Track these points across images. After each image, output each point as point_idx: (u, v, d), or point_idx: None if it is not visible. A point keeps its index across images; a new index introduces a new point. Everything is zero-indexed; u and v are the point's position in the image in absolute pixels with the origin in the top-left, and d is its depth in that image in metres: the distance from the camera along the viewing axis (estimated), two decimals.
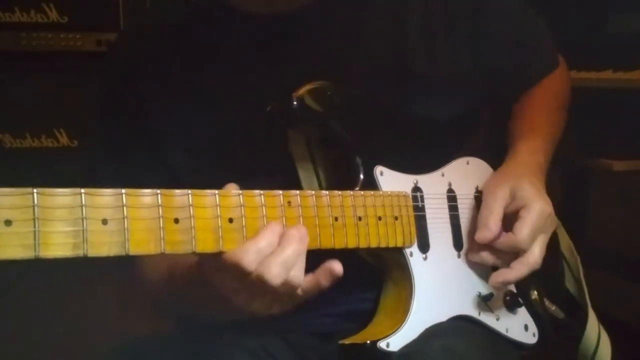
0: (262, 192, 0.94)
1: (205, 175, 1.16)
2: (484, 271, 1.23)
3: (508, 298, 1.25)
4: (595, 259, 2.39)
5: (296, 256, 0.94)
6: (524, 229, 1.17)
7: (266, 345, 1.19)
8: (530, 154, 1.30)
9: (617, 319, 2.03)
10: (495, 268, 1.22)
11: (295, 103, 1.09)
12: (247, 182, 0.95)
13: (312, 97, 1.11)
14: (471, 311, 1.20)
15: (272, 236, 0.93)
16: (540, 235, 1.19)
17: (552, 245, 1.28)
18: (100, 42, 2.79)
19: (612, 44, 2.40)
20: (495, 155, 1.33)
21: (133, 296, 1.30)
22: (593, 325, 1.36)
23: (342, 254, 1.05)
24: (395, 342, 1.08)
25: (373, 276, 1.17)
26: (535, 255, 1.18)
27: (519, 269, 1.18)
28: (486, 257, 1.21)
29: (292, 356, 1.22)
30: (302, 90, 1.10)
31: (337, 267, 0.98)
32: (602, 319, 1.39)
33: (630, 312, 2.50)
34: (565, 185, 2.65)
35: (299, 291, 0.98)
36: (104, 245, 0.77)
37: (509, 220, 1.20)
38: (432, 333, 1.12)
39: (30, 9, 2.79)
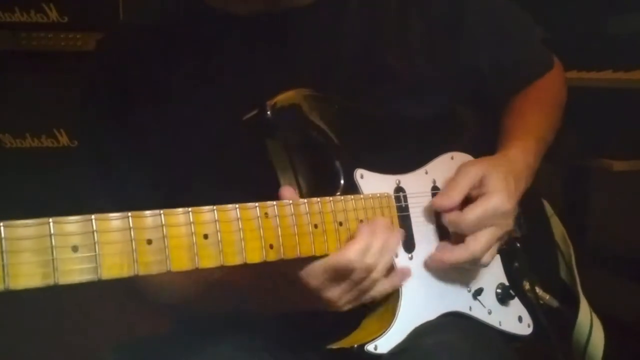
0: (237, 205, 0.93)
1: (185, 181, 1.17)
2: (473, 266, 1.23)
3: (499, 291, 1.25)
4: (595, 259, 2.40)
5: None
6: (471, 213, 1.16)
7: (265, 344, 1.19)
8: (521, 153, 1.29)
9: (616, 319, 2.03)
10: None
11: (269, 112, 1.08)
12: (226, 191, 0.95)
13: (288, 104, 1.10)
14: (461, 307, 1.20)
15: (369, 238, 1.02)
16: (489, 227, 1.18)
17: (546, 235, 1.27)
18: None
19: (612, 44, 2.39)
20: (483, 151, 1.32)
21: (133, 296, 1.29)
22: (585, 312, 1.37)
23: None
24: (383, 344, 1.08)
25: None
26: (479, 243, 1.17)
27: (458, 253, 1.17)
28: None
29: (291, 355, 1.22)
30: (277, 99, 1.09)
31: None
32: (602, 318, 1.40)
33: (630, 312, 2.50)
34: (565, 186, 2.65)
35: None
36: (75, 273, 0.77)
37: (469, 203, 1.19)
38: (423, 331, 1.13)
39: (30, 9, 2.80)
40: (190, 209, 0.88)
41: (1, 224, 0.73)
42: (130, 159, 1.21)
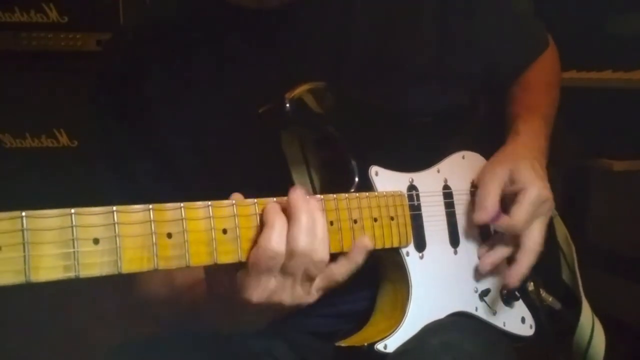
0: (255, 200, 0.93)
1: (198, 177, 1.17)
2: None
3: (505, 292, 1.25)
4: (595, 259, 2.40)
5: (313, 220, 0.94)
6: (520, 213, 1.18)
7: (269, 347, 1.19)
8: (532, 137, 1.31)
9: (616, 319, 2.03)
10: None
11: (288, 105, 1.07)
12: (240, 185, 0.95)
13: (305, 98, 1.09)
14: (468, 307, 1.21)
15: (278, 216, 0.92)
16: (537, 218, 1.21)
17: (548, 236, 1.28)
18: (100, 42, 2.79)
19: (612, 44, 2.40)
20: (493, 147, 1.32)
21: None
22: (587, 315, 1.37)
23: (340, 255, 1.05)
24: (392, 343, 1.08)
25: (371, 275, 1.17)
26: (535, 239, 1.20)
27: (526, 258, 1.20)
28: (483, 251, 1.24)
29: (294, 358, 1.22)
30: (295, 92, 1.08)
31: (367, 242, 1.01)
32: (602, 319, 1.40)
33: (630, 312, 2.50)
34: (565, 185, 2.65)
35: (338, 277, 0.99)
36: (95, 266, 0.77)
37: (507, 202, 1.21)
38: (430, 330, 1.13)
39: (30, 9, 2.79)
40: (210, 203, 0.87)
41: (23, 214, 0.72)
42: (141, 155, 1.21)
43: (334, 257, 0.99)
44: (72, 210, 0.75)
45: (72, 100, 2.70)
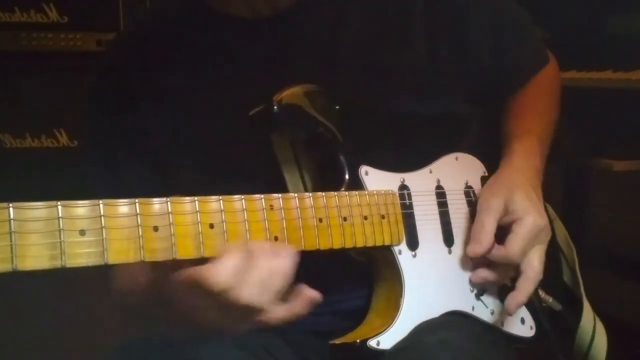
0: (242, 196, 0.94)
1: (191, 179, 1.18)
2: (476, 266, 1.23)
3: (502, 292, 1.25)
4: (595, 259, 2.40)
5: (272, 274, 0.93)
6: (515, 244, 1.18)
7: (266, 344, 1.19)
8: (525, 158, 1.30)
9: (616, 319, 2.03)
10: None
11: (276, 107, 1.08)
12: (232, 186, 0.96)
13: (294, 99, 1.11)
14: (464, 306, 1.21)
15: (237, 257, 0.91)
16: (535, 246, 1.20)
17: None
18: (100, 42, 2.79)
19: (612, 44, 2.40)
20: (486, 150, 1.33)
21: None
22: (588, 316, 1.37)
23: (336, 254, 1.06)
24: (385, 340, 1.09)
25: (367, 274, 1.18)
26: (534, 268, 1.19)
27: (525, 287, 1.19)
28: (480, 265, 1.23)
29: (291, 355, 1.22)
30: (283, 94, 1.10)
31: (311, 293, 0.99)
32: (602, 319, 1.40)
33: (630, 312, 2.50)
34: (565, 185, 2.65)
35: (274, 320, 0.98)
36: (82, 256, 0.79)
37: (503, 232, 1.20)
38: (427, 328, 1.13)
39: (30, 9, 2.80)
40: (196, 198, 0.89)
41: (11, 205, 0.74)
42: (135, 158, 1.23)
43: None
44: (58, 203, 0.77)
45: (72, 100, 2.70)
